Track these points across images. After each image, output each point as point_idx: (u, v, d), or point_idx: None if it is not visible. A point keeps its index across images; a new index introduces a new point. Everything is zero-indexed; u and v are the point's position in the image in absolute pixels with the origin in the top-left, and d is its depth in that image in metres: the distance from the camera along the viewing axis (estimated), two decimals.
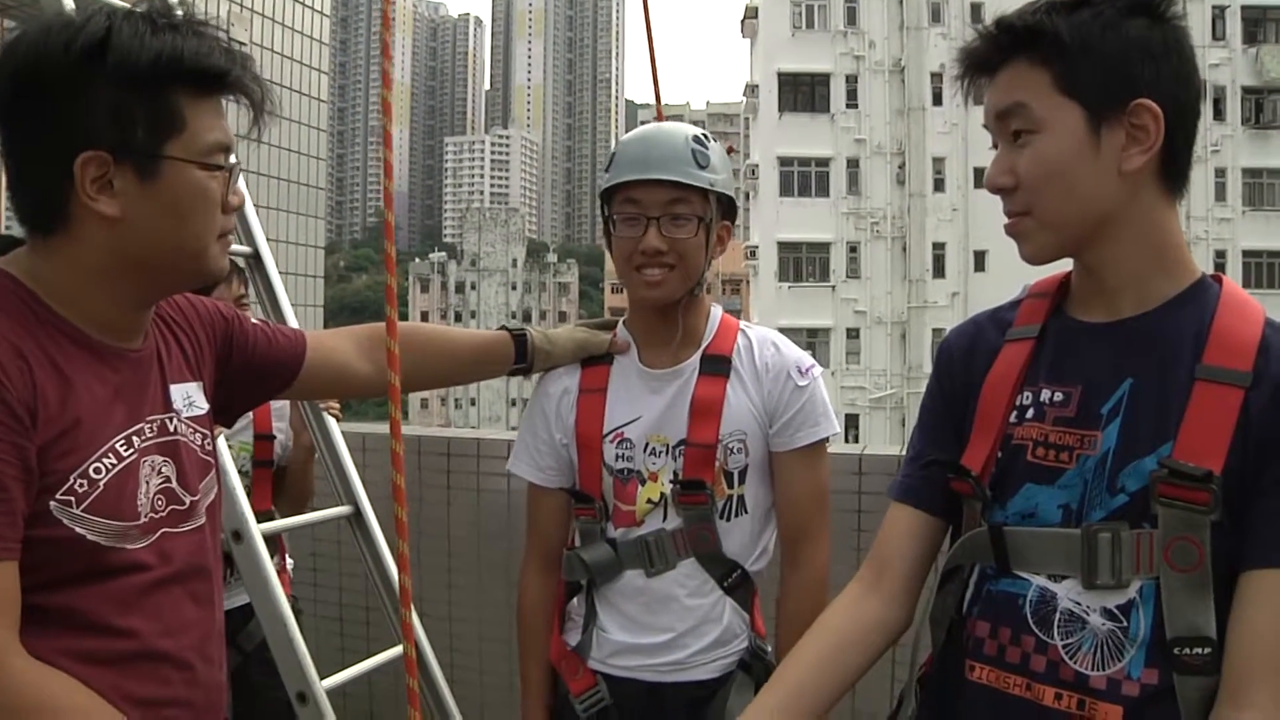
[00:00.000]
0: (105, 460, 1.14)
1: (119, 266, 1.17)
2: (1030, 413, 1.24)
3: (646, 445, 1.80)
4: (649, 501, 1.79)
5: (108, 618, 1.13)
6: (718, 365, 1.81)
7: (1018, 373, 1.27)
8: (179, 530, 1.23)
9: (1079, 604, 1.16)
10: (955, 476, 1.28)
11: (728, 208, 1.82)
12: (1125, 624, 1.14)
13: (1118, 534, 1.14)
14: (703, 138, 1.79)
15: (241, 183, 1.29)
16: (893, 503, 1.39)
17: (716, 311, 1.89)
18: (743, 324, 1.89)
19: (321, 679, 1.91)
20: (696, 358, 1.82)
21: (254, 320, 1.52)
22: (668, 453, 1.79)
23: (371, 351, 1.70)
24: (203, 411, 1.33)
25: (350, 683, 2.01)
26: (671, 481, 1.78)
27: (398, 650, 2.12)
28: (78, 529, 1.10)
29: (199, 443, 1.30)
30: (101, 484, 1.13)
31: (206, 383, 1.37)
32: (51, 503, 1.09)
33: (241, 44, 3.69)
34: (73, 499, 1.10)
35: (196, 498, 1.26)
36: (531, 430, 1.91)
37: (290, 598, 2.03)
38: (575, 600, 1.88)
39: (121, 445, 1.16)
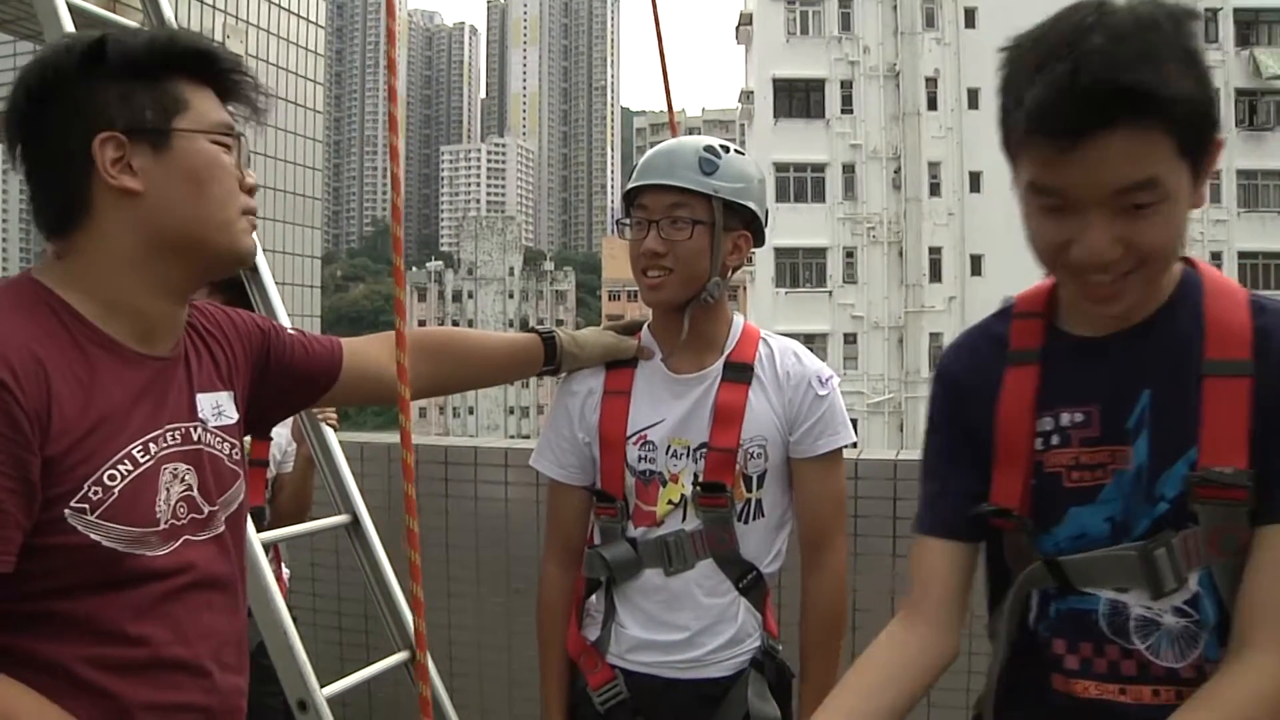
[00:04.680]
0: (121, 467, 1.15)
1: (146, 248, 1.19)
2: (1056, 439, 1.24)
3: (668, 448, 1.85)
4: (670, 503, 1.84)
5: (122, 626, 1.15)
6: (740, 372, 1.87)
7: (1031, 399, 1.26)
8: (199, 538, 1.24)
9: (1150, 609, 1.19)
10: (996, 516, 1.27)
11: (750, 219, 1.85)
12: (1196, 615, 1.18)
13: (1169, 545, 1.17)
14: (718, 148, 1.83)
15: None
16: (920, 537, 1.37)
17: (739, 320, 1.94)
18: (763, 333, 1.94)
19: (321, 687, 1.91)
20: (720, 364, 1.88)
21: (290, 331, 1.54)
22: (688, 455, 1.84)
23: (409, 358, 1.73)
24: (232, 421, 1.34)
25: (350, 691, 2.02)
26: (693, 484, 1.83)
27: (397, 658, 2.13)
28: (92, 535, 1.12)
29: (226, 452, 1.31)
30: (116, 490, 1.14)
31: (239, 393, 1.38)
32: (65, 510, 1.10)
33: (236, 56, 3.71)
34: (86, 506, 1.11)
35: (215, 508, 1.27)
36: (555, 428, 1.96)
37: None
38: (594, 597, 1.93)
39: (138, 451, 1.17)
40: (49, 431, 1.09)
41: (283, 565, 2.73)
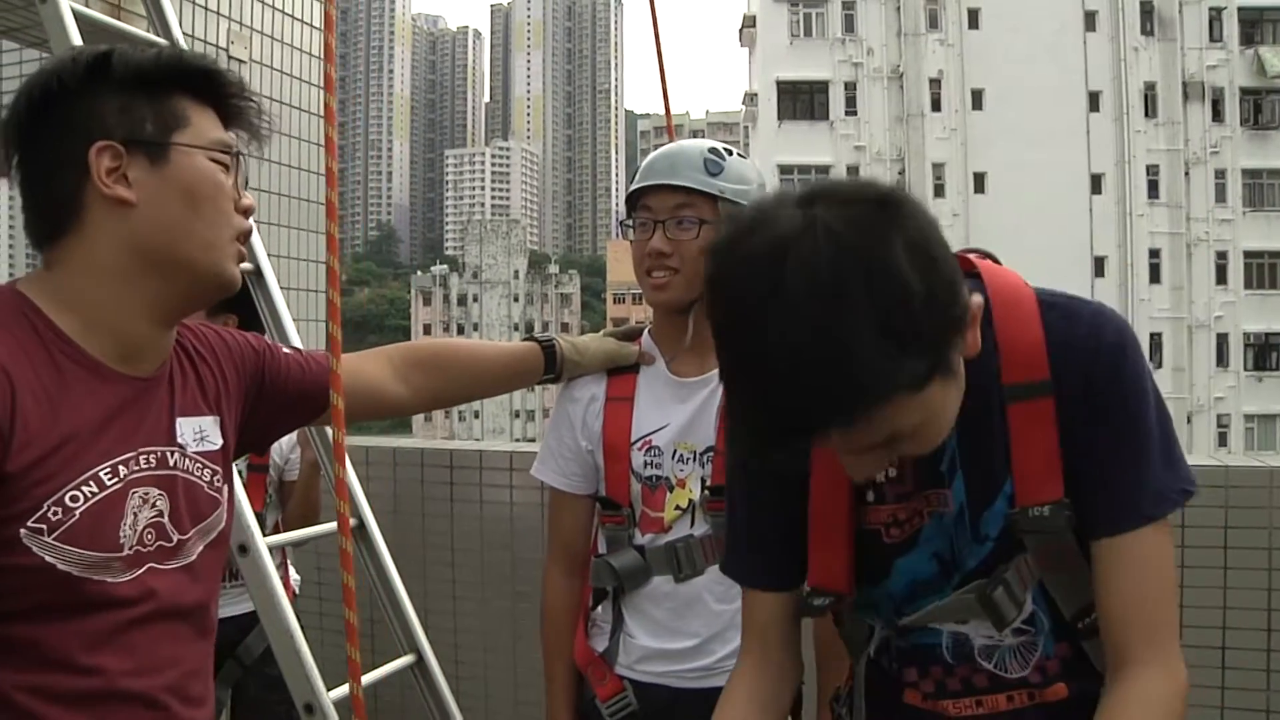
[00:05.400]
0: (85, 488, 1.10)
1: (131, 263, 1.16)
2: (871, 495, 1.23)
3: (675, 452, 1.84)
4: (678, 508, 1.83)
5: (74, 655, 1.10)
6: None
7: (838, 464, 1.16)
8: (165, 567, 1.19)
9: (992, 637, 1.22)
10: (829, 602, 1.27)
11: None
12: (1033, 629, 1.21)
13: (1005, 581, 1.18)
14: (721, 150, 1.83)
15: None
16: (743, 587, 1.37)
17: None
18: None
19: (328, 690, 1.92)
20: None
21: (286, 350, 1.51)
22: (695, 459, 1.83)
23: (406, 373, 1.70)
24: (215, 447, 1.29)
25: None
26: (701, 488, 1.82)
27: (403, 661, 2.13)
28: (47, 557, 1.07)
29: (207, 478, 1.27)
30: (77, 512, 1.09)
31: (227, 417, 1.34)
32: (21, 530, 1.05)
33: (240, 61, 3.73)
34: (44, 527, 1.07)
35: (187, 536, 1.22)
36: (558, 436, 1.95)
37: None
38: (600, 607, 1.91)
39: (106, 474, 1.13)
40: (10, 446, 1.04)
41: (291, 570, 2.74)
